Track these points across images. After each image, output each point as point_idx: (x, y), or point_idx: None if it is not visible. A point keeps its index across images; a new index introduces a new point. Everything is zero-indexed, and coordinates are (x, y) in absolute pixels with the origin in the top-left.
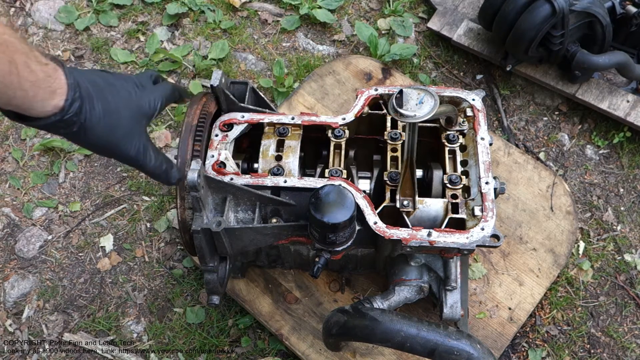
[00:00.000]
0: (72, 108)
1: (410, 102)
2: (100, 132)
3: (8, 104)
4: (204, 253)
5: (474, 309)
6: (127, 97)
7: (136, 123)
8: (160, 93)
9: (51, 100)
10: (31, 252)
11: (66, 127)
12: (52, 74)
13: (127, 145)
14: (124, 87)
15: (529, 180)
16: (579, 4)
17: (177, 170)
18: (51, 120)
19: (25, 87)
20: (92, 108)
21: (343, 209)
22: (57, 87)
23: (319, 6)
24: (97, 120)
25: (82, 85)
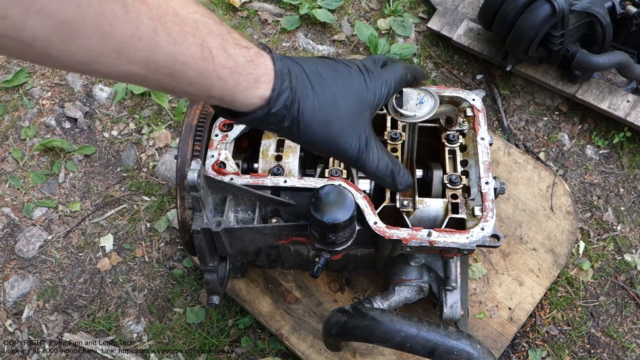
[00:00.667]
0: (280, 99)
1: (410, 102)
2: (316, 126)
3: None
4: (204, 253)
5: (474, 309)
6: (348, 85)
7: (358, 115)
8: (388, 77)
9: (255, 90)
10: (31, 252)
11: (276, 122)
12: (255, 58)
13: (346, 142)
14: (344, 73)
15: (529, 180)
16: (579, 4)
17: (406, 173)
18: (258, 114)
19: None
20: (306, 99)
21: (343, 209)
22: (262, 75)
23: (319, 6)
24: (311, 113)
25: (294, 73)
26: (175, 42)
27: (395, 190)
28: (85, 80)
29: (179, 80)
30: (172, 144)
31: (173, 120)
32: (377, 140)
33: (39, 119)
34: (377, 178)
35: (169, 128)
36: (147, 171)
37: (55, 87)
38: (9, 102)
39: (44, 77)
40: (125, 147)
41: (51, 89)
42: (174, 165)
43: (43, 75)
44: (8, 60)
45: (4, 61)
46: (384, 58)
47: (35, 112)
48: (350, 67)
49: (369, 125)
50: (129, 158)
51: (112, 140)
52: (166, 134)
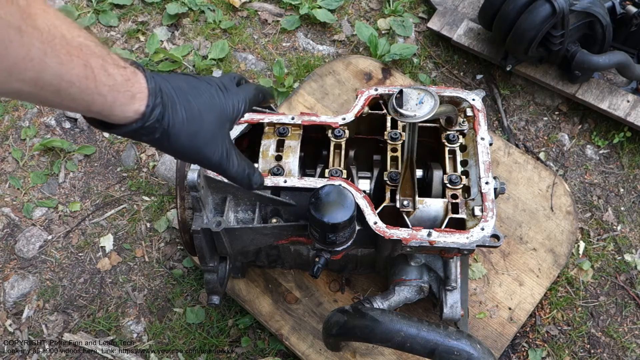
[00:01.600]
0: (153, 114)
1: (410, 102)
2: (184, 138)
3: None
4: (204, 253)
5: (474, 309)
6: (210, 100)
7: (219, 127)
8: (244, 95)
9: (131, 105)
10: (31, 252)
11: (148, 134)
12: (131, 77)
13: (210, 151)
14: (207, 90)
15: (529, 180)
16: (579, 4)
17: (259, 175)
18: (133, 127)
19: (103, 92)
20: (175, 113)
21: (343, 209)
22: (137, 92)
23: (319, 6)
24: (180, 126)
25: (165, 90)
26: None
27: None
28: None
29: (63, 97)
30: None
31: None
32: (235, 148)
33: (39, 119)
34: (236, 181)
35: None
36: (147, 171)
37: None
38: (9, 102)
39: None
40: (125, 147)
41: None
42: (174, 165)
43: None
44: None
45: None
46: (238, 76)
47: (35, 112)
48: (211, 85)
49: (228, 136)
50: (129, 158)
51: (112, 140)
52: None
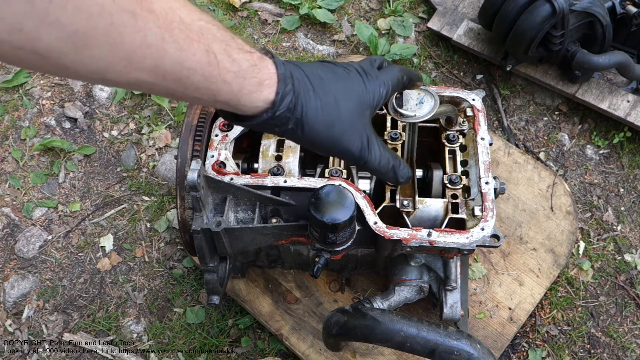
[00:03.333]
0: (284, 102)
1: (410, 102)
2: (319, 128)
3: (215, 100)
4: (204, 253)
5: (474, 309)
6: (348, 86)
7: (359, 115)
8: (385, 79)
9: (259, 94)
10: (31, 252)
11: (281, 124)
12: (257, 63)
13: (350, 141)
14: (344, 75)
15: (529, 180)
16: (579, 4)
17: (405, 167)
18: (263, 117)
19: (228, 79)
20: (309, 101)
21: (343, 209)
22: (265, 78)
23: (319, 6)
24: (314, 114)
25: (296, 77)
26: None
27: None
28: None
29: (186, 86)
30: (172, 144)
31: (173, 120)
32: (377, 138)
33: (39, 119)
34: (380, 174)
35: (169, 128)
36: (147, 171)
37: (55, 87)
38: (9, 102)
39: (44, 77)
40: (125, 147)
41: (51, 89)
42: (174, 165)
43: (43, 76)
44: None
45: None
46: (380, 60)
47: (35, 112)
48: (349, 70)
49: (370, 125)
50: (129, 158)
51: (112, 140)
52: (166, 134)
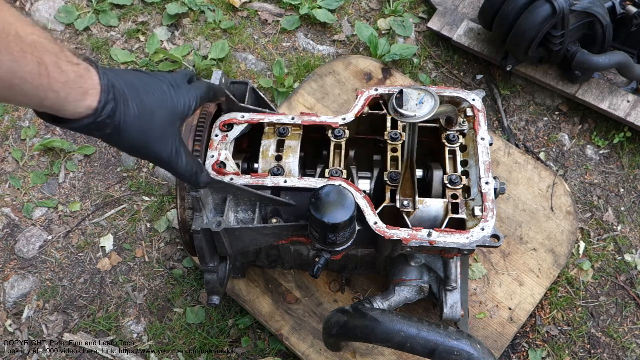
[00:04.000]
0: (105, 110)
1: (410, 102)
2: (134, 134)
3: (41, 105)
4: (204, 253)
5: (474, 309)
6: (162, 97)
7: (170, 124)
8: (195, 93)
9: (83, 101)
10: (31, 252)
11: (100, 129)
12: (84, 74)
13: (160, 147)
14: (158, 86)
15: (529, 180)
16: (579, 4)
17: (206, 174)
18: (84, 122)
19: (56, 88)
20: (127, 109)
21: (343, 209)
22: (90, 88)
23: (319, 6)
24: (131, 122)
25: (117, 86)
26: (15, 60)
27: (197, 187)
28: None
29: (15, 93)
30: None
31: None
32: (184, 145)
33: (39, 118)
34: (184, 178)
35: None
36: (147, 171)
37: None
38: None
39: None
40: None
41: None
42: None
43: None
44: None
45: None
46: (190, 74)
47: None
48: (162, 82)
49: (179, 133)
50: (129, 158)
51: None
52: None
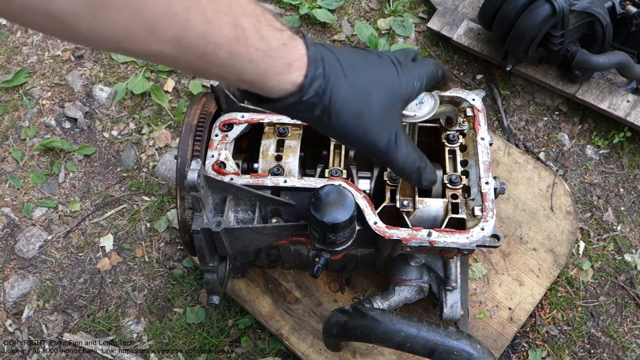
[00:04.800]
0: (312, 86)
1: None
2: (347, 117)
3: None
4: (204, 253)
5: (474, 309)
6: (380, 76)
7: (389, 108)
8: (420, 72)
9: (287, 75)
10: (31, 252)
11: (307, 109)
12: (288, 42)
13: (377, 134)
14: (376, 64)
15: (529, 180)
16: (579, 4)
17: (431, 170)
18: (289, 101)
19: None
20: (339, 88)
21: (343, 209)
22: (295, 59)
23: (319, 6)
24: (343, 102)
25: (327, 61)
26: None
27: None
28: (85, 80)
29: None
30: (172, 144)
31: (173, 120)
32: (406, 134)
33: (39, 119)
34: (404, 173)
35: (169, 128)
36: (147, 171)
37: (55, 87)
38: (9, 102)
39: (44, 77)
40: (125, 147)
41: (51, 89)
42: (174, 165)
43: (43, 76)
44: (8, 60)
45: (4, 61)
46: (414, 52)
47: (35, 112)
48: (382, 59)
49: (399, 119)
50: (129, 158)
51: (112, 140)
52: (166, 134)
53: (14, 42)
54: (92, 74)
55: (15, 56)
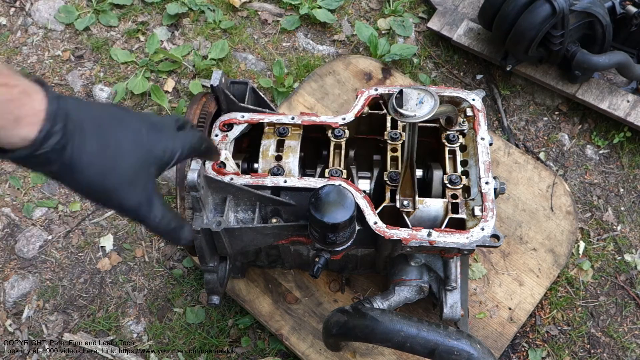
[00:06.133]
0: (48, 142)
1: (410, 102)
2: (92, 175)
3: None
4: (204, 253)
5: (474, 309)
6: (135, 137)
7: (142, 169)
8: (183, 142)
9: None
10: (31, 252)
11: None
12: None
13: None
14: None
15: (529, 180)
16: (579, 4)
17: (189, 229)
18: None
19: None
20: (83, 145)
21: (343, 209)
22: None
23: (319, 6)
24: (88, 160)
25: (73, 117)
26: None
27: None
28: (85, 80)
29: None
30: None
31: None
32: (160, 196)
33: None
34: (159, 233)
35: None
36: None
37: (55, 87)
38: None
39: (44, 77)
40: None
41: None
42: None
43: (43, 76)
44: (8, 60)
45: (4, 61)
46: (183, 119)
47: None
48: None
49: (154, 183)
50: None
51: None
52: None
53: (14, 42)
54: (92, 74)
55: (15, 56)
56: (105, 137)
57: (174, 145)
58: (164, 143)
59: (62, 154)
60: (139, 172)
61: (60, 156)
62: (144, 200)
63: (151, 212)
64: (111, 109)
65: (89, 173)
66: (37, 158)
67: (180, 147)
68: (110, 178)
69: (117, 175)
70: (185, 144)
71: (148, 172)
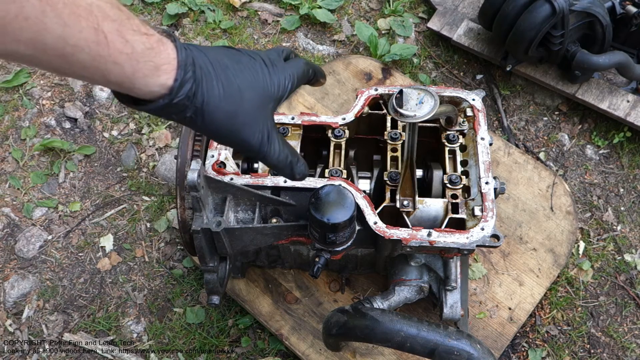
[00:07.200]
0: (182, 89)
1: (410, 102)
2: (220, 117)
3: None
4: (204, 253)
5: (474, 309)
6: (253, 77)
7: (261, 107)
8: (292, 71)
9: (156, 78)
10: (31, 252)
11: (179, 111)
12: (155, 46)
13: (249, 133)
14: (249, 65)
15: (529, 180)
16: (579, 4)
17: (303, 164)
18: (160, 103)
19: (119, 61)
20: (211, 90)
21: (343, 209)
22: (163, 63)
23: (319, 6)
24: (215, 104)
25: (199, 63)
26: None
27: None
28: None
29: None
30: (172, 144)
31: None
32: (278, 132)
33: (39, 119)
34: (277, 169)
35: (169, 128)
36: (147, 171)
37: (55, 87)
38: (9, 102)
39: (44, 77)
40: (125, 147)
41: (51, 89)
42: (174, 165)
43: (43, 76)
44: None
45: (4, 61)
46: (287, 51)
47: (35, 112)
48: (254, 59)
49: (272, 118)
50: (129, 158)
51: (112, 140)
52: (166, 134)
53: None
54: None
55: None
56: (229, 80)
57: (286, 78)
58: (277, 78)
59: (194, 100)
60: (260, 111)
61: (192, 102)
62: (265, 137)
63: (272, 148)
64: (228, 51)
65: (217, 116)
66: (175, 106)
67: (291, 79)
68: (235, 119)
69: (241, 116)
70: (294, 74)
71: (267, 109)
